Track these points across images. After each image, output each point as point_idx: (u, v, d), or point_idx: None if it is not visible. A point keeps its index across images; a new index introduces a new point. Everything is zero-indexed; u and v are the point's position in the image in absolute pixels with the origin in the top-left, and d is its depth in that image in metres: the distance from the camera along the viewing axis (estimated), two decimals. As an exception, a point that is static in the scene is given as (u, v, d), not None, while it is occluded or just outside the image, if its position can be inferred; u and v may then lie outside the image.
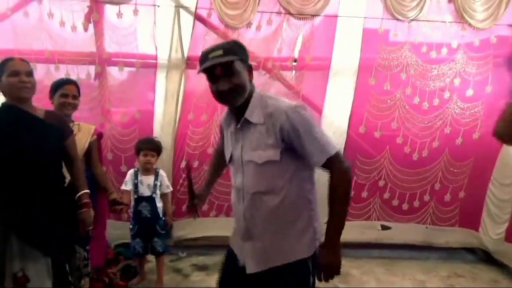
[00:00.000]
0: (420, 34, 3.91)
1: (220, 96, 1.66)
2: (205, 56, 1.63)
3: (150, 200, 3.29)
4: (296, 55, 3.95)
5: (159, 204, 3.35)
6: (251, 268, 1.73)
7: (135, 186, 3.29)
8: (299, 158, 1.67)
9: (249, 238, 1.75)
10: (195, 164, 3.97)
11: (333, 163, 1.66)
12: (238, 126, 1.72)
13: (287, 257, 1.71)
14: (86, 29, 3.66)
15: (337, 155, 1.67)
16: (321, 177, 1.76)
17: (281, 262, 1.71)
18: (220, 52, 1.60)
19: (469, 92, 3.98)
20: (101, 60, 3.72)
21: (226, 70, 1.61)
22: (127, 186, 3.30)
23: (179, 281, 3.61)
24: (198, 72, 1.68)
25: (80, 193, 2.36)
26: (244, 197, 1.73)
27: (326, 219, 1.70)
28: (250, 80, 1.70)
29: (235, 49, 1.64)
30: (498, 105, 4.00)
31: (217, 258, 3.89)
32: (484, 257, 4.21)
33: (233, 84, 1.61)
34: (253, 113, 1.68)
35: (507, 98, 3.97)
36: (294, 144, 1.64)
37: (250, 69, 1.70)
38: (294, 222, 1.72)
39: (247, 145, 1.70)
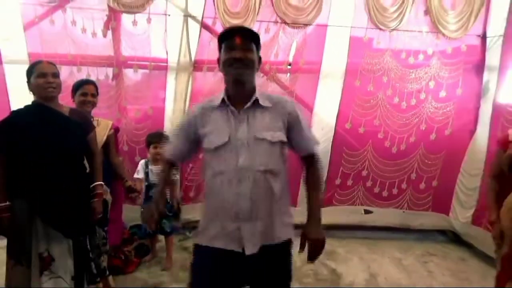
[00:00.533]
0: (400, 42, 3.92)
1: (232, 62, 1.55)
2: (229, 32, 1.60)
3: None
4: (290, 59, 3.95)
5: (166, 190, 3.37)
6: (251, 249, 1.57)
7: (146, 174, 3.29)
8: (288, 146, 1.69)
9: (249, 219, 1.57)
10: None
11: (315, 154, 1.73)
12: (247, 107, 1.59)
13: (281, 237, 1.65)
14: (105, 35, 3.66)
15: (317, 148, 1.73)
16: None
17: (276, 241, 1.63)
18: (246, 31, 1.60)
19: (442, 94, 3.99)
20: (118, 63, 3.71)
21: (244, 44, 1.55)
22: (139, 174, 3.30)
23: (186, 257, 3.60)
24: (221, 52, 1.60)
25: (94, 184, 2.35)
26: (249, 177, 1.55)
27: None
28: (257, 69, 1.64)
29: (256, 37, 1.62)
30: (468, 106, 4.03)
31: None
32: (454, 238, 4.24)
33: (246, 56, 1.55)
34: (262, 98, 1.62)
35: (475, 99, 4.00)
36: (293, 130, 1.65)
37: (259, 60, 1.64)
38: (288, 205, 1.72)
39: (259, 125, 1.59)
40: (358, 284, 3.20)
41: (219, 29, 3.76)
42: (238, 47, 1.55)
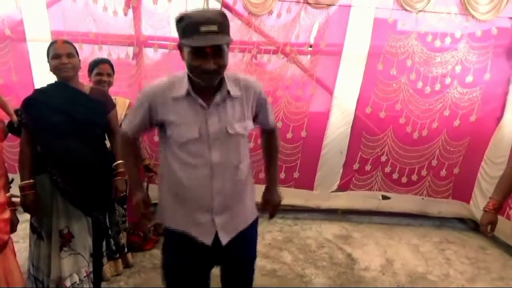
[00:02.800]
0: (426, 24, 3.72)
1: (203, 74, 1.40)
2: (194, 27, 1.33)
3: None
4: (311, 41, 3.82)
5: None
6: (225, 239, 1.57)
7: None
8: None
9: (222, 211, 1.55)
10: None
11: (275, 128, 1.79)
12: (216, 101, 1.48)
13: (250, 219, 1.69)
14: (126, 14, 3.60)
15: None
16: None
17: (246, 224, 1.66)
18: (214, 28, 1.33)
19: (469, 79, 3.81)
20: (138, 42, 3.67)
21: (216, 51, 1.36)
22: None
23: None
24: (181, 46, 1.44)
25: (117, 163, 2.34)
26: (224, 173, 1.52)
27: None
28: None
29: (226, 26, 1.39)
30: (495, 91, 3.85)
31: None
32: (474, 226, 4.12)
33: (220, 65, 1.39)
34: (231, 87, 1.51)
35: (504, 85, 3.81)
36: (261, 111, 1.65)
37: (229, 44, 1.44)
38: (252, 186, 1.70)
39: (230, 118, 1.50)
40: (374, 269, 3.16)
41: (240, 8, 3.67)
42: (209, 57, 1.36)
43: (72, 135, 2.13)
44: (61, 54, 2.11)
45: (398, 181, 4.12)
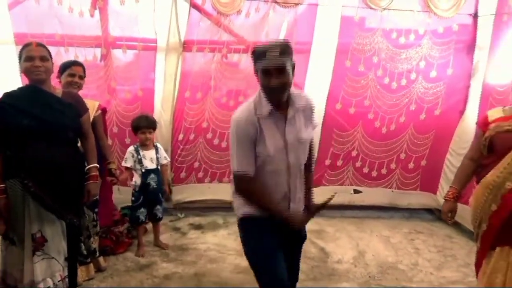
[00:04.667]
0: (391, 22, 3.89)
1: (271, 90, 1.70)
2: (262, 54, 1.66)
3: (156, 172, 3.28)
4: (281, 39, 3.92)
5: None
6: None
7: (139, 161, 3.23)
8: None
9: (294, 199, 1.86)
10: (191, 137, 3.99)
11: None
12: (291, 114, 1.78)
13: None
14: (92, 15, 3.60)
15: None
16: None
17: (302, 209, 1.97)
18: (277, 52, 1.64)
19: (433, 74, 4.00)
20: (106, 43, 3.67)
21: (279, 70, 1.66)
22: (127, 163, 3.23)
23: (177, 238, 3.68)
24: (256, 70, 1.71)
25: (89, 166, 2.36)
26: (296, 171, 1.84)
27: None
28: (293, 75, 1.76)
29: (288, 51, 1.68)
30: (458, 85, 4.05)
31: (211, 219, 4.02)
32: (441, 216, 4.28)
33: (283, 82, 1.68)
34: (298, 102, 1.80)
35: (465, 79, 4.02)
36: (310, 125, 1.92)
37: (293, 66, 1.74)
38: None
39: (299, 126, 1.81)
40: (346, 262, 3.29)
41: (209, 8, 3.72)
42: (274, 75, 1.66)
43: (44, 138, 2.13)
44: (34, 56, 2.10)
45: (368, 175, 4.28)
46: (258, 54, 1.69)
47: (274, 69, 1.66)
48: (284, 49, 1.67)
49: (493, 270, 1.98)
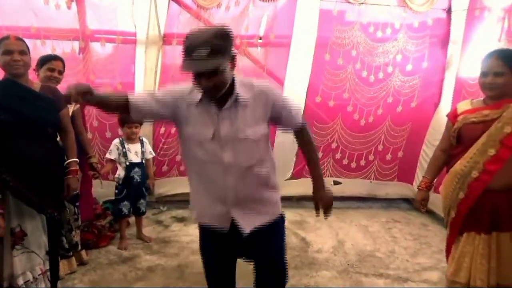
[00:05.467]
0: (368, 16, 3.98)
1: (204, 90, 1.54)
2: (189, 52, 1.44)
3: (140, 165, 3.28)
4: (261, 33, 3.96)
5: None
6: (245, 228, 1.69)
7: (124, 154, 3.23)
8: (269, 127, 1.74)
9: (237, 204, 1.68)
10: (173, 130, 3.99)
11: (304, 124, 1.80)
12: (227, 106, 1.59)
13: (272, 215, 1.79)
14: (69, 7, 3.54)
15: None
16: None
17: (266, 220, 1.75)
18: (205, 52, 1.41)
19: (409, 67, 4.12)
20: (84, 36, 3.63)
21: (209, 73, 1.46)
22: (111, 155, 3.23)
23: (160, 230, 3.71)
24: (182, 70, 1.50)
25: (69, 161, 2.37)
26: (235, 172, 1.63)
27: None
28: (233, 68, 1.56)
29: (221, 46, 1.45)
30: (433, 79, 4.18)
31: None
32: (415, 204, 4.46)
33: (215, 82, 1.49)
34: (242, 94, 1.60)
35: (440, 72, 4.15)
36: (282, 116, 1.69)
37: (233, 58, 1.54)
38: (275, 182, 1.81)
39: (241, 123, 1.60)
40: (326, 251, 3.39)
41: (188, 1, 3.72)
42: (204, 76, 1.47)
43: (22, 133, 2.12)
44: (13, 50, 2.09)
45: (348, 167, 4.39)
46: (186, 49, 1.45)
47: (203, 72, 1.46)
48: (217, 46, 1.43)
49: (461, 254, 2.09)
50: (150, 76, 3.82)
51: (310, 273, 2.99)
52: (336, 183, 4.42)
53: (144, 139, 3.41)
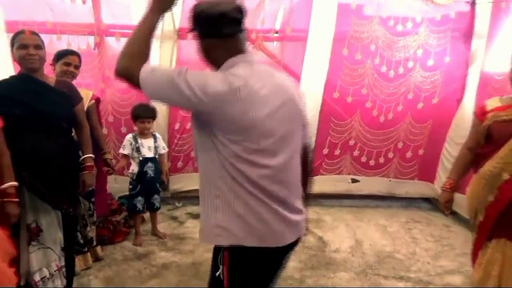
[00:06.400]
0: (388, 9, 3.87)
1: None
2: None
3: (154, 160, 3.27)
4: (277, 27, 3.89)
5: (155, 164, 3.33)
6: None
7: (137, 149, 3.22)
8: None
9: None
10: (188, 125, 3.98)
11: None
12: None
13: None
14: (84, 1, 3.54)
15: None
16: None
17: None
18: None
19: (430, 62, 4.00)
20: (99, 31, 3.63)
21: None
22: (125, 150, 3.22)
23: (175, 227, 3.70)
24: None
25: (84, 157, 2.36)
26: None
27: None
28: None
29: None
30: (455, 74, 4.05)
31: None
32: (438, 205, 4.35)
33: None
34: None
35: (463, 67, 4.02)
36: None
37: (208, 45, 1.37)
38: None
39: None
40: (344, 251, 3.31)
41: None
42: None
43: (37, 128, 2.11)
44: (28, 44, 2.08)
45: (366, 164, 4.30)
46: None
47: None
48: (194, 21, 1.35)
49: (489, 262, 1.98)
50: (165, 70, 3.79)
51: (328, 274, 2.92)
52: (354, 181, 4.34)
53: (157, 134, 3.39)
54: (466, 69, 4.01)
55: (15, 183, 2.01)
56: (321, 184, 4.21)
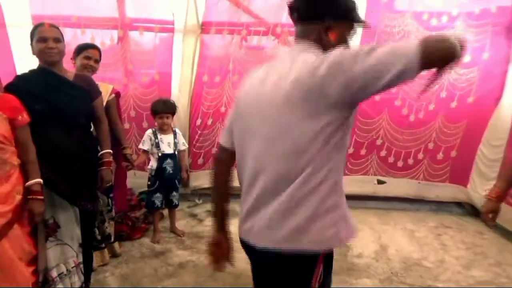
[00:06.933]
0: (422, 3, 3.67)
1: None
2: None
3: (173, 157, 3.23)
4: (303, 21, 3.77)
5: (175, 160, 3.29)
6: None
7: (157, 145, 3.19)
8: None
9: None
10: (209, 122, 3.92)
11: None
12: None
13: None
14: (108, -4, 3.54)
15: None
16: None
17: None
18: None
19: (467, 58, 3.76)
20: (123, 25, 3.62)
21: None
22: (144, 145, 3.19)
23: (194, 225, 3.65)
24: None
25: (102, 152, 2.33)
26: None
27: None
28: None
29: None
30: (494, 71, 3.80)
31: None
32: (471, 211, 4.14)
33: None
34: None
35: (503, 64, 3.77)
36: None
37: None
38: None
39: None
40: (367, 256, 3.18)
41: (227, -12, 3.60)
42: None
43: (55, 124, 2.09)
44: (47, 37, 2.06)
45: (394, 165, 4.13)
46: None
47: None
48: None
49: None
50: (188, 65, 3.76)
51: (350, 280, 2.80)
52: (380, 182, 4.18)
53: (177, 130, 3.34)
54: (506, 65, 3.75)
55: (40, 180, 2.00)
56: (345, 184, 4.06)
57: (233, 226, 1.45)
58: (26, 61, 3.27)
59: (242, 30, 3.69)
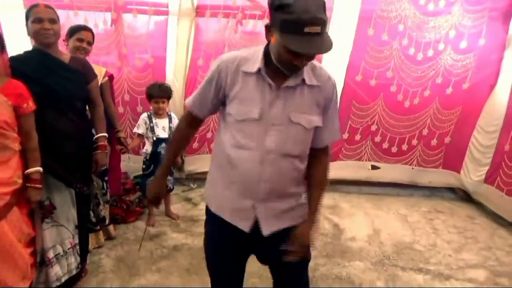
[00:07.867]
0: (419, -13, 3.65)
1: (290, 67, 1.33)
2: (298, 26, 1.20)
3: (168, 141, 3.25)
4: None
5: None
6: (266, 230, 1.51)
7: (152, 129, 3.19)
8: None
9: (266, 200, 1.48)
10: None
11: (329, 147, 1.59)
12: (289, 84, 1.39)
13: (301, 218, 1.56)
14: (101, -23, 3.49)
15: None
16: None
17: (292, 224, 1.54)
18: (318, 29, 1.21)
19: (463, 44, 3.77)
20: (116, 7, 3.58)
21: (311, 56, 1.32)
22: (139, 129, 3.19)
23: (189, 208, 3.69)
24: (269, 28, 1.31)
25: (98, 136, 2.34)
26: (273, 161, 1.43)
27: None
28: None
29: (327, 21, 1.25)
30: (490, 57, 3.82)
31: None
32: (463, 196, 4.21)
33: (309, 61, 1.35)
34: (309, 75, 1.41)
35: (499, 50, 3.78)
36: (324, 115, 1.49)
37: None
38: (304, 186, 1.59)
39: (296, 106, 1.41)
40: (360, 239, 3.24)
41: (223, -30, 3.57)
42: (305, 57, 1.29)
43: (50, 106, 2.09)
44: (43, 18, 2.04)
45: (388, 151, 4.16)
46: (289, 22, 1.21)
47: (309, 55, 1.28)
48: (325, 20, 1.23)
49: None
50: (182, 49, 3.72)
51: (342, 263, 2.86)
52: (374, 167, 4.22)
53: (173, 114, 3.34)
54: (502, 52, 3.77)
55: (40, 169, 2.01)
56: (339, 170, 4.12)
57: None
58: (17, 44, 3.27)
59: (237, 14, 3.67)
